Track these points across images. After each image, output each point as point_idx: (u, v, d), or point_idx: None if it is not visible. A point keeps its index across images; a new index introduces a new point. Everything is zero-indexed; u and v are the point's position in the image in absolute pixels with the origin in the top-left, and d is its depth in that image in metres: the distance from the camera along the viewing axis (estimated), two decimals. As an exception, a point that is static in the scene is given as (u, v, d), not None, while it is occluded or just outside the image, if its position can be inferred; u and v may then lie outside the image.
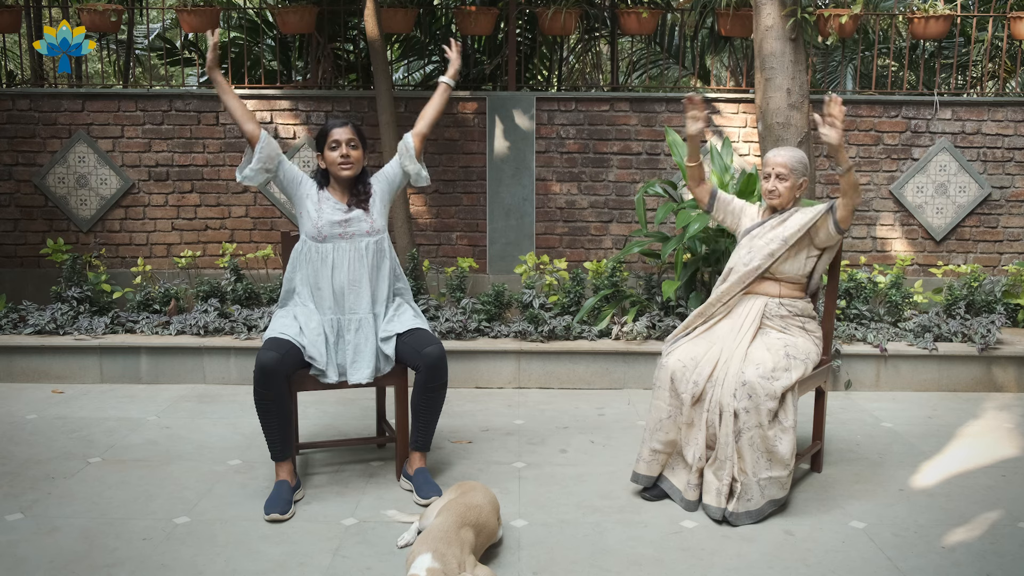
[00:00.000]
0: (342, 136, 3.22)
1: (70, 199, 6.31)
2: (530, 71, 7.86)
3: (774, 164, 3.25)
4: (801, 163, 3.26)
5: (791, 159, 3.24)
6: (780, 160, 3.24)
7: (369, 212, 3.27)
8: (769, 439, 2.94)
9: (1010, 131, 6.32)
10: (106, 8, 6.15)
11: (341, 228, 3.21)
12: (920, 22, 6.26)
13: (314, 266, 3.23)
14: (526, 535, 2.87)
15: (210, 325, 4.81)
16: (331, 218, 3.21)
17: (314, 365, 3.16)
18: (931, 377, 4.67)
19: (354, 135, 3.26)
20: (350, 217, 3.23)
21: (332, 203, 3.25)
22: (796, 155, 3.26)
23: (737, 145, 6.29)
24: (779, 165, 3.24)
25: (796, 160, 3.25)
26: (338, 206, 3.25)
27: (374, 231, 3.27)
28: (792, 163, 3.24)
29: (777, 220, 3.28)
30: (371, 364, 3.21)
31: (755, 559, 2.71)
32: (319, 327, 3.19)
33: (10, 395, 4.45)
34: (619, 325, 4.81)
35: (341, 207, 3.25)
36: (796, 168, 3.24)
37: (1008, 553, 2.76)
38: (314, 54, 6.60)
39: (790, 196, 3.27)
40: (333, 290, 3.21)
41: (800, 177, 3.25)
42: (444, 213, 6.39)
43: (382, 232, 3.31)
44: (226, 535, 2.85)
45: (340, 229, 3.21)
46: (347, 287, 3.21)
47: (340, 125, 3.26)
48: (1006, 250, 6.44)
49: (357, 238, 3.23)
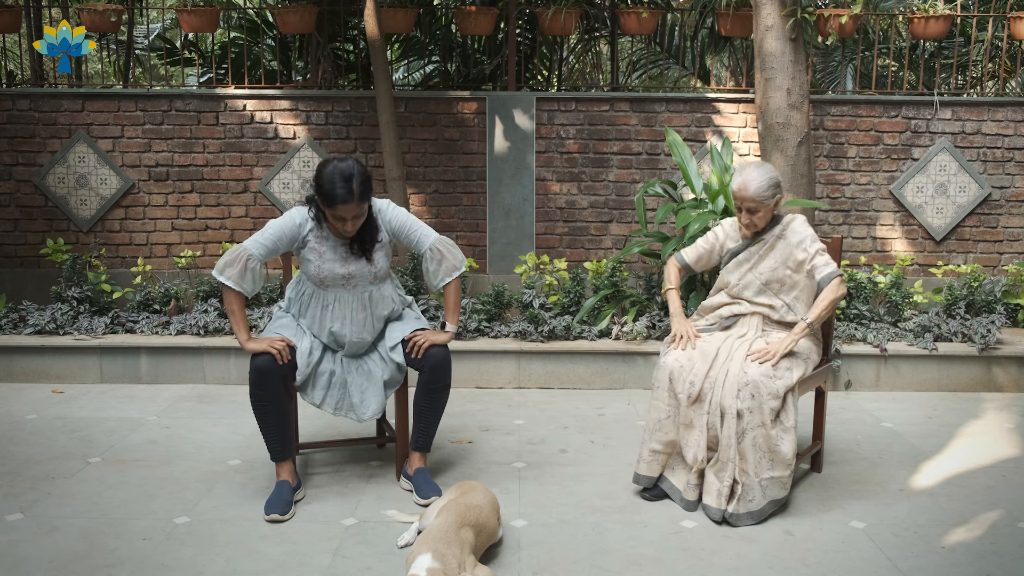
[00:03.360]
0: (348, 214, 2.97)
1: (70, 199, 6.31)
2: (530, 71, 7.86)
3: (743, 199, 3.12)
4: (771, 187, 3.10)
5: (759, 190, 3.08)
6: (748, 194, 3.09)
7: (373, 261, 3.13)
8: (772, 438, 2.94)
9: (1010, 131, 6.32)
10: (106, 8, 6.15)
11: (343, 280, 3.12)
12: (920, 22, 6.26)
13: (314, 311, 3.16)
14: (526, 535, 2.87)
15: (210, 325, 4.81)
16: (333, 269, 3.09)
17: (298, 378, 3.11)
18: (931, 377, 4.67)
19: (361, 209, 2.99)
20: (352, 270, 3.10)
21: (333, 248, 3.09)
22: (763, 182, 3.09)
23: (737, 145, 6.29)
24: (748, 200, 3.11)
25: (765, 187, 3.09)
26: (339, 252, 3.10)
27: (377, 279, 3.16)
28: (761, 194, 3.09)
29: (762, 248, 3.20)
30: (378, 398, 3.21)
31: (755, 559, 2.71)
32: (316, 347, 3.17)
33: (10, 395, 4.45)
34: (619, 325, 4.81)
35: (342, 253, 3.10)
36: (766, 196, 3.10)
37: (1008, 553, 2.76)
38: (314, 54, 6.60)
39: (767, 219, 3.18)
40: (334, 334, 3.16)
41: (773, 198, 3.13)
42: (444, 213, 6.39)
43: (385, 277, 3.22)
44: (226, 535, 2.85)
45: (342, 280, 3.12)
46: (349, 335, 3.17)
47: (347, 200, 2.93)
48: (1006, 250, 6.44)
49: (360, 288, 3.15)
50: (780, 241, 3.20)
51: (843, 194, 6.37)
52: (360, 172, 2.96)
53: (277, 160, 6.30)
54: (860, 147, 6.35)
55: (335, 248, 3.11)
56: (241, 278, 3.04)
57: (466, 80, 7.16)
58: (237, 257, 3.04)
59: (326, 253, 3.10)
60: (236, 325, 3.09)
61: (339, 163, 2.97)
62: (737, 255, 3.28)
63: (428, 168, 6.34)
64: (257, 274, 3.08)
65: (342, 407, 3.19)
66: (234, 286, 3.04)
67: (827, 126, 6.31)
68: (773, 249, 3.20)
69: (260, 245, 3.07)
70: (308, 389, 3.16)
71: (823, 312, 3.12)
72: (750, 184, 3.09)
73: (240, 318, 3.08)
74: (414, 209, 6.29)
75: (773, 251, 3.20)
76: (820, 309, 3.12)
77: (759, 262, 3.22)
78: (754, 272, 3.22)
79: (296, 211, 3.13)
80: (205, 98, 6.29)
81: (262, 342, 3.06)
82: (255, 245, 3.07)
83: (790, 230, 3.21)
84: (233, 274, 3.03)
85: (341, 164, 2.96)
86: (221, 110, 6.27)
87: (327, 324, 3.15)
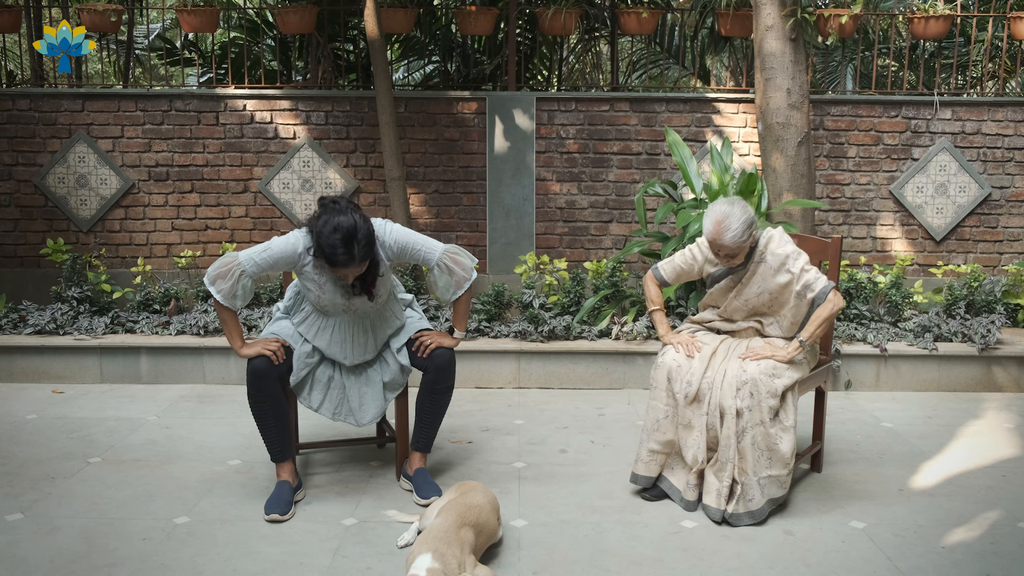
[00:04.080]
0: (350, 273, 2.91)
1: (70, 199, 6.31)
2: (530, 71, 7.86)
3: (719, 246, 3.00)
4: (746, 231, 2.96)
5: (734, 239, 2.95)
6: (724, 243, 2.97)
7: (375, 299, 3.07)
8: (771, 437, 2.94)
9: (1010, 131, 6.31)
10: (106, 8, 6.15)
11: (344, 308, 3.07)
12: (920, 22, 6.26)
13: (314, 327, 3.12)
14: (526, 535, 2.87)
15: (210, 325, 4.81)
16: (333, 300, 3.02)
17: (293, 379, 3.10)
18: (931, 377, 4.67)
19: (363, 267, 2.91)
20: (353, 302, 3.05)
21: (333, 282, 3.00)
22: (738, 230, 2.94)
23: (737, 145, 6.29)
24: (725, 247, 2.99)
25: (740, 235, 2.95)
26: (340, 286, 3.00)
27: (378, 303, 3.11)
28: (737, 242, 2.96)
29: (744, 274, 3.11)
30: (378, 403, 3.21)
31: (755, 559, 2.71)
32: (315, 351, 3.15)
33: (10, 395, 4.45)
34: (619, 325, 4.81)
35: (343, 287, 3.01)
36: (742, 241, 2.97)
37: (1008, 553, 2.76)
38: (314, 54, 6.61)
39: (746, 252, 3.06)
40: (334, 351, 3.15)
41: (749, 238, 2.99)
42: (444, 213, 6.38)
43: (388, 298, 3.17)
44: (226, 535, 2.85)
45: (343, 308, 3.06)
46: (351, 357, 3.15)
47: (348, 264, 2.83)
48: (1006, 250, 6.44)
49: (361, 311, 3.10)
50: (761, 265, 3.08)
51: (843, 194, 6.37)
52: (363, 234, 2.81)
53: (277, 160, 6.30)
54: (860, 147, 6.35)
55: (335, 281, 3.01)
56: (232, 295, 2.98)
57: (466, 80, 7.16)
58: (230, 271, 2.95)
59: (326, 285, 3.01)
60: (229, 333, 3.06)
61: (341, 220, 2.79)
62: (719, 281, 3.19)
63: (428, 168, 6.34)
64: (247, 290, 3.01)
65: (341, 411, 3.18)
66: (224, 303, 3.00)
67: (827, 126, 6.31)
68: (755, 275, 3.10)
69: (255, 264, 2.96)
70: (306, 393, 3.15)
71: (817, 330, 3.03)
72: (725, 235, 2.95)
73: (232, 326, 3.05)
74: (414, 209, 6.29)
75: (755, 276, 3.10)
76: (815, 327, 3.03)
77: (743, 288, 3.13)
78: (739, 299, 3.15)
79: (298, 237, 2.97)
80: (205, 98, 6.29)
81: (256, 345, 3.04)
82: (250, 263, 2.96)
83: (769, 252, 3.07)
84: (224, 289, 2.96)
85: (343, 222, 2.79)
86: (221, 110, 6.27)
87: (325, 338, 3.12)
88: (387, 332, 3.22)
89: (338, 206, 2.87)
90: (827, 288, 3.04)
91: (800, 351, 3.03)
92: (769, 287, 3.09)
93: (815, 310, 3.05)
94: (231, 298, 2.99)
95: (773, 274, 3.07)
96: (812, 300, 3.06)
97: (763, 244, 3.09)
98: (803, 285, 3.05)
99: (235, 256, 2.98)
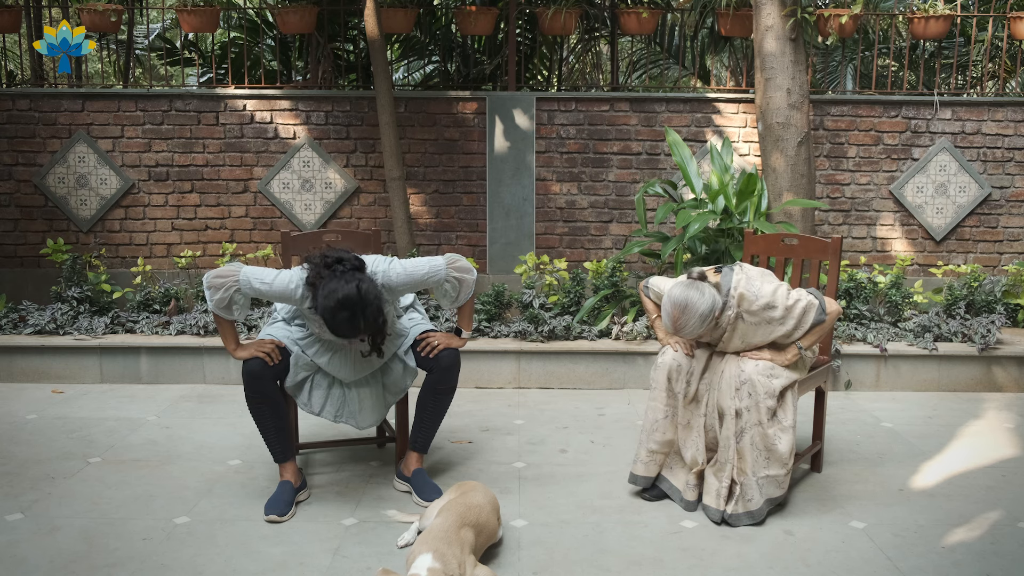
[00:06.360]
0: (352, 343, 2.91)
1: (70, 199, 6.31)
2: (530, 71, 7.86)
3: (689, 337, 2.92)
4: (704, 323, 2.84)
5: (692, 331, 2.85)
6: (683, 334, 2.87)
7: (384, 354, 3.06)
8: (769, 437, 2.94)
9: (1010, 131, 6.32)
10: (106, 8, 6.15)
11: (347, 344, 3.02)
12: (920, 22, 6.26)
13: (315, 347, 3.09)
14: (526, 535, 2.87)
15: (210, 325, 4.81)
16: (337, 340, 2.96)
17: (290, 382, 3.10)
18: (931, 377, 4.67)
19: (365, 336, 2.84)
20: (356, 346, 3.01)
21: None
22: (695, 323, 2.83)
23: (737, 145, 6.29)
24: (684, 336, 2.90)
25: (697, 326, 2.84)
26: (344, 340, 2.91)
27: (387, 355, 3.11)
28: (695, 334, 2.88)
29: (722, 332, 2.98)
30: (379, 408, 3.21)
31: (755, 559, 2.71)
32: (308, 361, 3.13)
33: (10, 395, 4.45)
34: (619, 325, 4.81)
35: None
36: (700, 331, 2.87)
37: (1008, 553, 2.76)
38: (314, 54, 6.61)
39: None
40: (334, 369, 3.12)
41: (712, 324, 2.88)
42: (444, 213, 6.39)
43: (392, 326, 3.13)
44: (226, 535, 2.85)
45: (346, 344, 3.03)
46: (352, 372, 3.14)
47: (351, 336, 2.76)
48: (1006, 250, 6.44)
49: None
50: (739, 321, 2.95)
51: (843, 194, 6.37)
52: (371, 310, 2.70)
53: (277, 160, 6.30)
54: (860, 147, 6.35)
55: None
56: (228, 310, 2.98)
57: (466, 80, 7.16)
58: (226, 284, 2.92)
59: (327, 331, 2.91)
60: (223, 335, 3.06)
61: (345, 291, 2.67)
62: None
63: (428, 168, 6.34)
64: (242, 306, 3.00)
65: (342, 414, 3.17)
66: (221, 314, 2.99)
67: (827, 126, 6.31)
68: (735, 330, 2.97)
69: (253, 290, 2.92)
70: (306, 397, 3.14)
71: (815, 340, 3.01)
72: (682, 329, 2.85)
73: (227, 330, 3.05)
74: (414, 209, 6.29)
75: (735, 333, 2.98)
76: (815, 337, 2.99)
77: (726, 344, 3.01)
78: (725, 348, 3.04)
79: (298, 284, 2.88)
80: (205, 98, 6.29)
81: (250, 347, 3.03)
82: (248, 286, 2.91)
83: (744, 312, 2.92)
84: (220, 301, 2.95)
85: (348, 295, 2.67)
86: (221, 110, 6.27)
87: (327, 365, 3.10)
88: (391, 350, 3.19)
89: (342, 266, 2.75)
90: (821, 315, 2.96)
91: (798, 356, 3.02)
92: (754, 340, 2.99)
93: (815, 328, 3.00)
94: (227, 312, 2.99)
95: (754, 329, 2.96)
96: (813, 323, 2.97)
97: (734, 302, 2.91)
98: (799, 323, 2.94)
99: (237, 271, 2.93)
